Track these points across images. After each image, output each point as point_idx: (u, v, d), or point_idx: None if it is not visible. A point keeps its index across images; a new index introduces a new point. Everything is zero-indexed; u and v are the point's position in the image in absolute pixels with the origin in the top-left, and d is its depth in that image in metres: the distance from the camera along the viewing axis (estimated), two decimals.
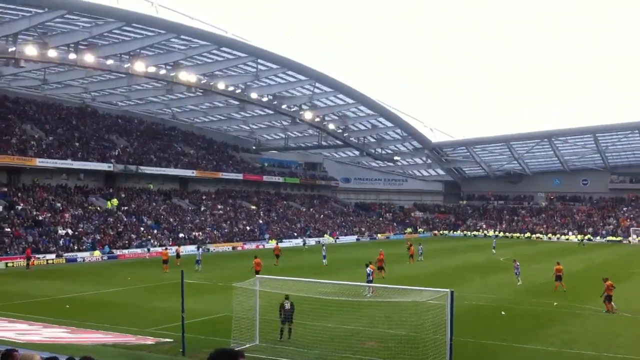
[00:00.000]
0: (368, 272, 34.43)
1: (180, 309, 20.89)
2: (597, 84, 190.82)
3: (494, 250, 64.26)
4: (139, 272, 44.99)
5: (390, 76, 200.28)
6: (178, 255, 50.66)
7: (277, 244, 60.77)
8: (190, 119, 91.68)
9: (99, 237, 57.79)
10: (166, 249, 52.34)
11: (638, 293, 35.53)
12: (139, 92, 76.68)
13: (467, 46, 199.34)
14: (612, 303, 29.72)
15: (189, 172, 78.65)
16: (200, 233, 68.09)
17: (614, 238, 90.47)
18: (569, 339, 24.08)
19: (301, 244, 73.30)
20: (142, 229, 63.58)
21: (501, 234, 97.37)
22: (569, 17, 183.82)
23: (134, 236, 61.01)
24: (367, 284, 31.73)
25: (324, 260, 50.81)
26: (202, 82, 67.71)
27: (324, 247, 54.76)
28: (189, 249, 61.89)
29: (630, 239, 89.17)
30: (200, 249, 55.98)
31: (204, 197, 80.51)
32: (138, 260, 54.82)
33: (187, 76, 63.50)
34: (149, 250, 59.30)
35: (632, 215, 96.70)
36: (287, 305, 22.82)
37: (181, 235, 65.62)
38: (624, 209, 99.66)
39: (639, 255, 65.31)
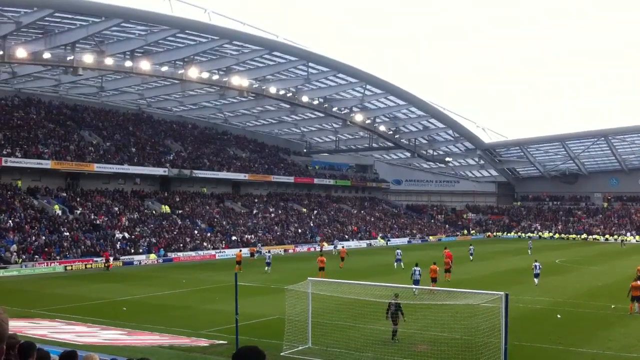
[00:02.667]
0: (414, 270, 35.55)
1: (235, 311, 21.14)
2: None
3: (529, 252, 62.97)
4: (193, 274, 45.71)
5: (442, 77, 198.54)
6: (252, 255, 57.24)
7: (343, 247, 59.76)
8: (242, 123, 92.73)
9: (154, 241, 58.93)
10: (240, 250, 53.80)
11: None
12: (193, 97, 77.96)
13: (520, 44, 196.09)
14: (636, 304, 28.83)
15: (241, 176, 79.53)
16: (253, 236, 68.76)
17: (622, 238, 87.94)
18: (628, 343, 23.48)
19: (332, 248, 66.80)
20: (196, 232, 64.57)
21: (557, 235, 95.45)
22: (625, 11, 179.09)
23: (188, 239, 62.01)
24: (415, 286, 31.33)
25: (401, 264, 49.00)
26: (254, 86, 68.40)
27: (399, 252, 51.38)
28: (243, 252, 62.54)
29: None
30: (270, 251, 55.15)
31: (255, 200, 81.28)
32: (192, 263, 55.69)
33: (239, 81, 64.22)
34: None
35: None
36: (393, 306, 22.83)
37: (234, 238, 66.37)
38: None
39: None
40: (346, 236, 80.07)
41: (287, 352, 21.01)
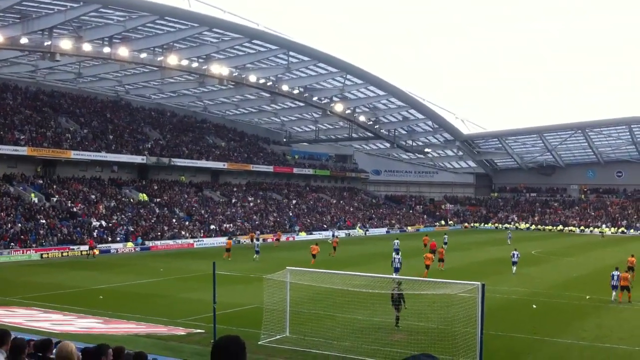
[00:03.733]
0: (394, 258, 37.85)
1: (212, 300, 21.12)
2: (631, 75, 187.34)
3: (509, 241, 64.05)
4: (171, 263, 45.55)
5: (422, 68, 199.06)
6: (255, 239, 55.66)
7: (336, 237, 60.31)
8: (221, 111, 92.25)
9: (132, 229, 58.58)
10: (230, 238, 55.65)
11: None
12: (172, 85, 77.34)
13: (500, 37, 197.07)
14: (623, 292, 30.24)
15: (220, 165, 79.24)
16: (231, 225, 68.60)
17: (601, 230, 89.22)
18: (602, 334, 23.83)
19: (330, 235, 69.28)
20: (174, 220, 64.28)
21: (533, 226, 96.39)
22: (607, 7, 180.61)
23: (166, 228, 61.71)
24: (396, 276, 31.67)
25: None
26: (234, 74, 68.04)
27: (396, 242, 51.23)
28: (220, 241, 62.52)
29: None
30: (259, 240, 55.97)
31: (234, 190, 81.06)
32: (170, 252, 55.47)
33: (219, 69, 63.85)
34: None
35: None
36: (395, 294, 23.31)
37: (212, 227, 66.18)
38: None
39: None
40: (325, 226, 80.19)
41: (265, 341, 21.05)
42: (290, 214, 79.99)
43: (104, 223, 57.62)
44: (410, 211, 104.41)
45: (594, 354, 21.00)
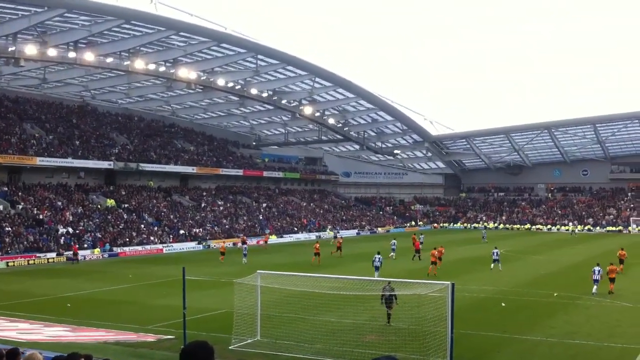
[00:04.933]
0: (375, 258, 38.96)
1: (182, 305, 20.95)
2: (596, 75, 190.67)
3: (484, 239, 66.35)
4: (140, 269, 45.08)
5: (390, 70, 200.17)
6: (243, 243, 57.30)
7: (341, 237, 61.16)
8: (190, 115, 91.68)
9: (99, 235, 57.86)
10: (224, 242, 57.95)
11: (638, 285, 35.54)
12: (139, 89, 76.69)
13: (467, 39, 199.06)
14: (612, 285, 32.07)
15: (189, 169, 78.71)
16: (201, 229, 68.17)
17: (613, 228, 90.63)
18: (570, 330, 24.13)
19: (333, 236, 71.32)
20: (142, 226, 63.65)
21: (501, 225, 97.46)
22: (569, 8, 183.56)
23: (134, 234, 61.08)
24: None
25: (392, 254, 50.69)
26: (202, 78, 67.72)
27: (394, 242, 52.76)
28: (189, 246, 62.25)
29: (630, 228, 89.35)
30: (246, 244, 56.21)
31: (204, 194, 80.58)
32: (139, 258, 54.90)
33: (186, 73, 63.47)
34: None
35: (632, 205, 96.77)
36: (387, 293, 23.81)
37: (182, 232, 65.68)
38: (624, 199, 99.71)
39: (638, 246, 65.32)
40: (295, 228, 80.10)
41: (236, 345, 20.94)
42: (261, 217, 79.76)
43: (70, 230, 56.82)
44: (380, 212, 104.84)
45: (563, 350, 21.25)
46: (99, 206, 64.51)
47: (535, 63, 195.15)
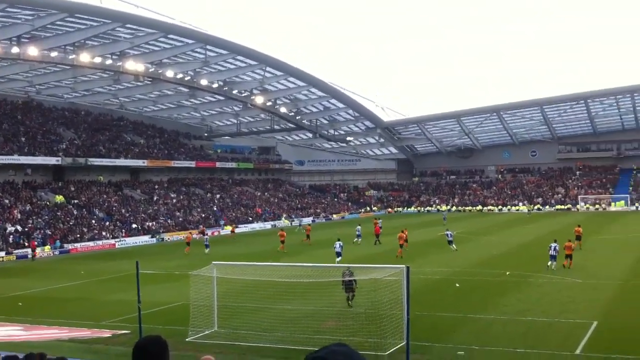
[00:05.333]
0: (336, 244, 39.15)
1: (137, 300, 20.68)
2: (541, 57, 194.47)
3: (444, 221, 67.84)
4: (93, 265, 44.32)
5: (341, 58, 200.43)
6: (203, 234, 58.83)
7: (309, 225, 61.29)
8: (139, 108, 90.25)
9: (49, 232, 56.66)
10: (190, 233, 57.99)
11: (588, 260, 36.50)
12: (85, 83, 75.12)
13: (415, 23, 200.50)
14: (568, 261, 33.32)
15: (139, 162, 77.58)
16: (154, 223, 67.37)
17: (562, 207, 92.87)
18: (523, 308, 24.64)
19: (298, 224, 72.50)
20: (93, 221, 62.58)
21: (454, 208, 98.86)
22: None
23: (85, 229, 60.02)
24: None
25: (358, 239, 51.24)
26: (150, 70, 66.75)
27: (359, 227, 53.48)
28: (143, 240, 61.56)
29: (578, 206, 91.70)
30: (207, 235, 57.00)
31: (156, 187, 79.60)
32: (91, 254, 53.95)
33: (134, 65, 62.48)
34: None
35: (580, 184, 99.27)
36: (347, 277, 24.21)
37: (134, 226, 64.80)
38: (572, 177, 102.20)
39: (588, 222, 67.09)
40: (250, 218, 79.83)
41: (193, 337, 20.80)
42: (215, 209, 79.25)
43: (19, 228, 55.49)
44: (335, 199, 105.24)
45: (516, 327, 21.70)
46: (47, 203, 63.13)
47: (482, 45, 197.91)
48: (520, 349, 18.81)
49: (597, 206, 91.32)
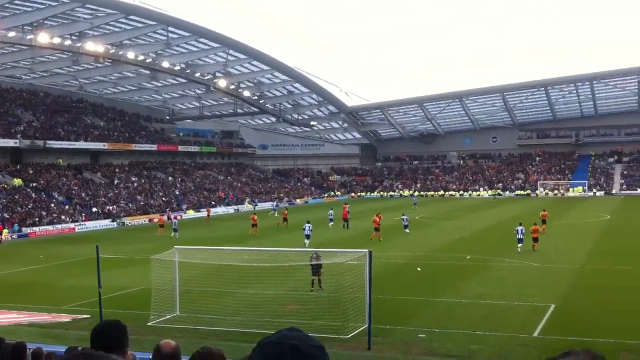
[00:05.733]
0: (305, 227, 40.25)
1: (97, 284, 20.44)
2: (503, 44, 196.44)
3: (414, 206, 68.76)
4: (52, 249, 43.62)
5: (305, 42, 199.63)
6: (169, 218, 59.14)
7: (285, 208, 61.57)
8: (99, 90, 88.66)
9: (7, 216, 55.53)
10: (162, 214, 60.17)
11: (546, 245, 37.17)
12: (44, 64, 73.45)
13: (379, 9, 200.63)
14: (535, 243, 34.82)
15: (100, 145, 76.38)
16: (115, 207, 66.52)
17: (522, 192, 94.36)
18: (483, 291, 25.00)
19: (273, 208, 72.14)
20: (52, 205, 61.53)
21: (416, 193, 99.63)
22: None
23: (44, 213, 58.99)
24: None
25: (330, 223, 51.65)
26: (111, 51, 65.57)
27: (331, 211, 53.72)
28: (103, 224, 60.82)
29: (537, 192, 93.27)
30: (175, 219, 56.50)
31: (117, 170, 78.51)
32: (50, 238, 53.08)
33: (94, 46, 61.34)
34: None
35: (539, 170, 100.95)
36: (314, 260, 24.43)
37: (94, 209, 63.89)
38: (532, 163, 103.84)
39: (547, 208, 68.27)
40: (213, 202, 79.34)
41: (154, 322, 20.66)
42: (177, 193, 78.56)
43: None
44: (299, 184, 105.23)
45: (476, 310, 22.02)
46: (5, 186, 61.82)
47: (445, 32, 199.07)
48: (479, 331, 19.10)
49: (555, 192, 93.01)
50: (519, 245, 34.68)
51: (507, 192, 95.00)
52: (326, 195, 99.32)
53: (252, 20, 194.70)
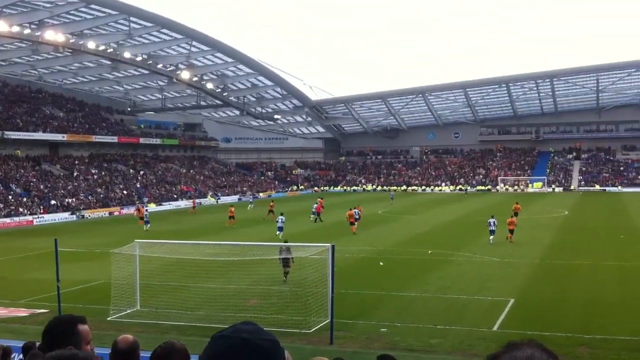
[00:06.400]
0: (278, 219, 41.62)
1: (56, 278, 20.08)
2: (465, 42, 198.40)
3: (392, 201, 69.23)
4: (9, 242, 42.73)
5: (271, 35, 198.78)
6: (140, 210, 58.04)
7: (272, 200, 61.01)
8: (58, 80, 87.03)
9: None
10: (144, 206, 60.15)
11: (505, 239, 37.69)
12: (2, 53, 71.77)
13: (344, 4, 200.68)
14: (511, 235, 36.40)
15: (59, 137, 75.03)
16: (74, 199, 65.45)
17: (483, 187, 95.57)
18: (444, 285, 25.23)
19: (250, 201, 73.45)
20: (10, 197, 60.26)
21: (379, 187, 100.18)
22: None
23: (1, 205, 57.75)
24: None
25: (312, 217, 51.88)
26: (71, 41, 64.43)
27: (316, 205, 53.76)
28: (62, 216, 59.83)
29: (498, 187, 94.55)
30: (147, 210, 55.64)
31: (76, 162, 77.22)
32: (7, 230, 51.98)
33: (54, 35, 60.18)
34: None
35: (499, 165, 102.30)
36: (284, 253, 24.51)
37: (53, 202, 62.78)
38: (493, 159, 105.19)
39: (507, 203, 69.27)
40: (175, 196, 78.63)
41: (114, 316, 20.38)
42: (138, 186, 77.62)
43: None
44: (262, 178, 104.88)
45: (437, 304, 22.20)
46: None
47: (410, 28, 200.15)
48: (440, 325, 19.26)
49: (515, 187, 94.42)
50: (491, 237, 35.75)
51: (469, 188, 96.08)
52: (289, 189, 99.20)
53: (216, 12, 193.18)
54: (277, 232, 40.06)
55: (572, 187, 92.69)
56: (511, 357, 1.78)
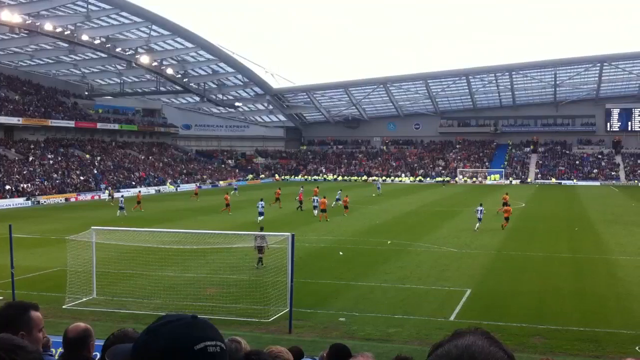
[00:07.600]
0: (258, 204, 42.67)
1: (10, 265, 19.65)
2: (427, 32, 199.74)
3: (379, 192, 69.00)
4: None
5: (233, 22, 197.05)
6: (112, 196, 60.65)
7: (279, 188, 60.05)
8: (13, 62, 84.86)
9: None
10: (139, 191, 61.47)
11: (463, 231, 38.12)
12: None
13: None
14: (506, 222, 38.35)
15: (14, 120, 73.32)
16: (29, 185, 64.10)
17: (442, 179, 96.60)
18: (402, 275, 25.42)
19: (235, 187, 73.80)
20: None
21: (340, 177, 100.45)
22: None
23: None
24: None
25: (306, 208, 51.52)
26: (27, 22, 62.76)
27: (302, 188, 55.47)
28: (17, 202, 58.59)
29: (457, 179, 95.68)
30: (122, 196, 55.00)
31: (32, 147, 75.60)
32: None
33: (9, 16, 58.56)
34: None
35: (459, 157, 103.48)
36: (258, 239, 24.75)
37: (7, 187, 61.39)
38: (452, 151, 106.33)
39: (466, 194, 70.20)
40: (133, 182, 77.63)
41: (70, 304, 20.03)
42: (95, 172, 76.37)
43: None
44: (222, 165, 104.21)
45: (396, 293, 22.36)
46: None
47: (372, 18, 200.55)
48: (398, 314, 19.42)
49: (474, 179, 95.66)
50: (477, 224, 37.57)
51: (428, 179, 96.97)
52: (250, 177, 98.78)
53: None
54: (259, 218, 40.88)
55: (529, 180, 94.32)
56: (454, 345, 1.81)
